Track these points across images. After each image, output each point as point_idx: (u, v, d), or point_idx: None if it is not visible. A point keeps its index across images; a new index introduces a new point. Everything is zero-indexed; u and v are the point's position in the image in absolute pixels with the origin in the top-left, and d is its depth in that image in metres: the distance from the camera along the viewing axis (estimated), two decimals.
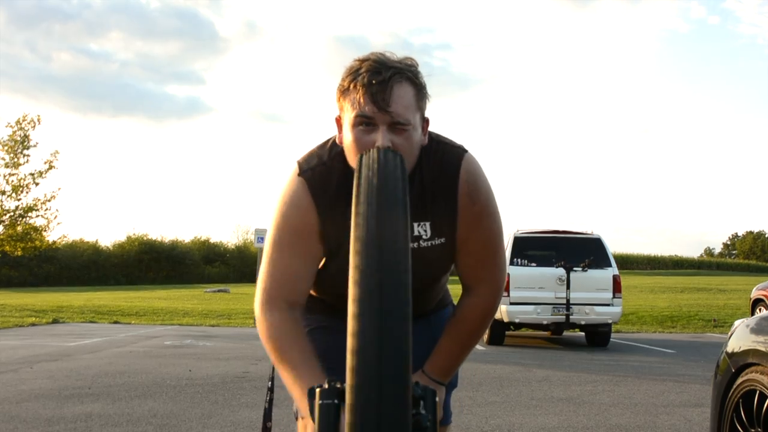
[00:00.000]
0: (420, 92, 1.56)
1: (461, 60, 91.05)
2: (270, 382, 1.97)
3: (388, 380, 0.93)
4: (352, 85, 1.51)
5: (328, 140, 1.71)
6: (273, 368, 1.99)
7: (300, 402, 1.49)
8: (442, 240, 1.68)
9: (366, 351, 0.95)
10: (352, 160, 1.55)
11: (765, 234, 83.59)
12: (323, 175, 1.64)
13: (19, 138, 21.54)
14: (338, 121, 1.61)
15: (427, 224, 1.66)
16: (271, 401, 1.94)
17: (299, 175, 1.65)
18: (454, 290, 2.02)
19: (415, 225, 1.66)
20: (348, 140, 1.54)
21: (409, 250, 1.05)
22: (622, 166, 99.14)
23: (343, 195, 1.59)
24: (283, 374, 1.59)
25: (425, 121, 1.61)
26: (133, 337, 12.10)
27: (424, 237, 1.67)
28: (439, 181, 1.65)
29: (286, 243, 1.62)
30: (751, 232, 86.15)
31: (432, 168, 1.65)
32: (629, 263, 53.70)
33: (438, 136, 1.70)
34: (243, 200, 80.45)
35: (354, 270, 1.02)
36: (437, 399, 1.13)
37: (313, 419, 1.15)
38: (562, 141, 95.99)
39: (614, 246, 63.06)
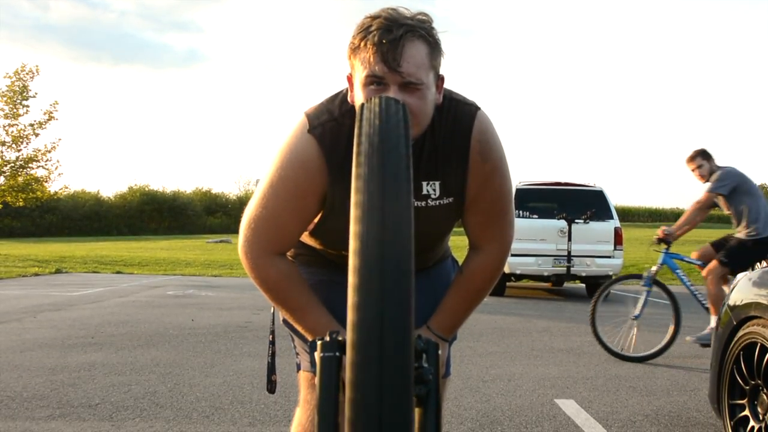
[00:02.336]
0: (434, 50, 1.49)
1: (464, 9, 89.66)
2: (271, 335, 1.97)
3: (389, 348, 0.90)
4: (362, 44, 1.45)
5: (338, 94, 1.64)
6: (273, 321, 1.99)
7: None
8: (450, 199, 1.64)
9: (367, 328, 0.91)
10: None
11: (767, 187, 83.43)
12: (333, 131, 1.58)
13: (17, 88, 21.42)
14: (350, 80, 1.55)
15: (437, 183, 1.62)
16: (273, 354, 1.94)
17: (309, 131, 1.58)
18: (454, 242, 2.01)
19: (424, 184, 1.62)
20: (359, 100, 1.48)
21: (411, 216, 1.00)
22: (624, 118, 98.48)
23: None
24: (296, 320, 1.65)
25: (440, 79, 1.55)
26: (136, 287, 12.20)
27: (432, 196, 1.63)
28: (452, 140, 1.60)
29: (288, 203, 1.58)
30: None
31: (444, 126, 1.60)
32: (631, 215, 53.72)
33: (450, 92, 1.64)
34: (244, 151, 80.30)
35: (354, 238, 0.98)
36: (439, 353, 1.11)
37: (315, 372, 1.14)
38: (564, 92, 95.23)
39: (616, 198, 63.08)
